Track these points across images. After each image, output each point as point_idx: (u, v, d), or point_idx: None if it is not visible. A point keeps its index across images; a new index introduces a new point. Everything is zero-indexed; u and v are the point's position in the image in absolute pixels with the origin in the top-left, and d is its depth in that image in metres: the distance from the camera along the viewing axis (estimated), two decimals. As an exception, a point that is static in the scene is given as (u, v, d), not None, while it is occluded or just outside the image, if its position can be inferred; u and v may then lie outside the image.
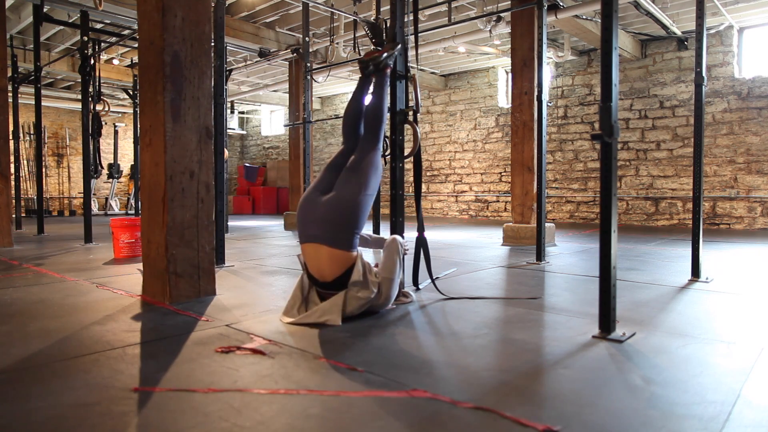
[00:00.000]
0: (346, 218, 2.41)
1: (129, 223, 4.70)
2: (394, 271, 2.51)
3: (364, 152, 2.62)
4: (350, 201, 2.43)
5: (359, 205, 2.44)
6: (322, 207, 2.44)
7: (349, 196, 2.44)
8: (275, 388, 1.57)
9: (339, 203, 2.42)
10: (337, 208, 2.42)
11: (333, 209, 2.42)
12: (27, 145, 12.72)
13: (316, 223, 2.42)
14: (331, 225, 2.39)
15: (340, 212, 2.41)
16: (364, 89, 2.86)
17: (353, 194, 2.45)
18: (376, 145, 2.67)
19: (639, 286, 3.27)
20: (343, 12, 6.62)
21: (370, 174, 2.54)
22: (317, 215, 2.43)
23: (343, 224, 2.40)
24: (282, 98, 13.78)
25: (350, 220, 2.41)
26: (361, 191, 2.47)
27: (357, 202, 2.44)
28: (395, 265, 2.52)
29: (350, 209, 2.42)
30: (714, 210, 8.20)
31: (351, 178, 2.50)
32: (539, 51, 4.53)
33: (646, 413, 1.40)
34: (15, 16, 7.98)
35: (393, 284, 2.50)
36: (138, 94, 3.18)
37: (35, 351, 1.95)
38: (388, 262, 2.52)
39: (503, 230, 5.88)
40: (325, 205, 2.44)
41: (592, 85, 9.45)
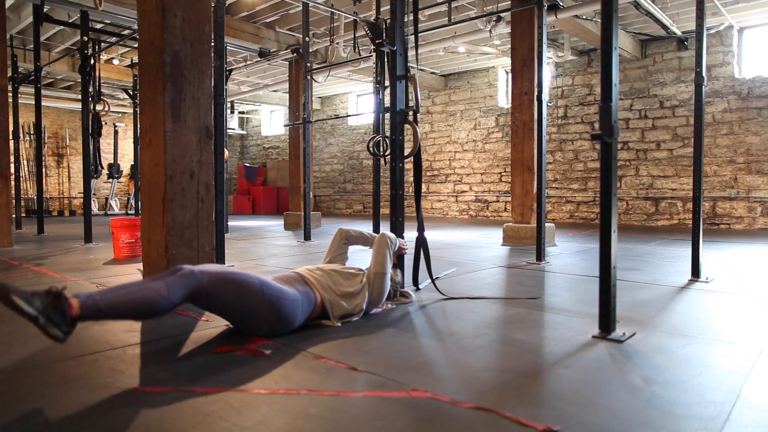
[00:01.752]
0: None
1: (129, 223, 4.70)
2: (384, 266, 2.51)
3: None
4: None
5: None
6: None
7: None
8: (275, 388, 1.57)
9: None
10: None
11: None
12: (27, 145, 12.72)
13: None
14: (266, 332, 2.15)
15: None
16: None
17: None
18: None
19: (639, 286, 3.27)
20: (343, 12, 6.62)
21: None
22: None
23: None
24: (282, 98, 13.78)
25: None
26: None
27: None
28: (385, 260, 2.52)
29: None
30: (714, 210, 8.20)
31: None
32: (539, 51, 4.53)
33: (646, 413, 1.40)
34: (15, 16, 7.98)
35: (384, 278, 2.49)
36: (138, 94, 3.18)
37: (35, 351, 1.95)
38: (379, 256, 2.53)
39: (503, 230, 5.88)
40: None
41: (592, 85, 9.45)
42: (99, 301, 1.68)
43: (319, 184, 14.07)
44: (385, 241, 2.58)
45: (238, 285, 1.98)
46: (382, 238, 2.60)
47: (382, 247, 2.56)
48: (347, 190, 13.52)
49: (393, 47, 3.14)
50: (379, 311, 2.57)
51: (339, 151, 13.64)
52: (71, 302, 1.62)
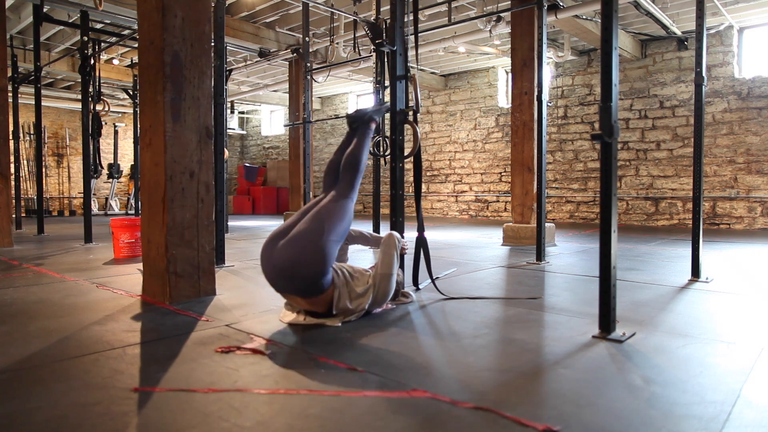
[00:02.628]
0: (309, 268, 2.20)
1: (129, 223, 4.70)
2: (392, 267, 2.51)
3: (337, 197, 2.45)
4: (311, 244, 2.21)
5: (322, 250, 2.22)
6: (278, 252, 2.24)
7: (310, 239, 2.23)
8: (275, 388, 1.57)
9: (298, 248, 2.21)
10: (297, 255, 2.20)
11: (293, 258, 2.20)
12: (27, 145, 12.72)
13: (281, 279, 2.26)
14: (297, 280, 2.22)
15: (301, 262, 2.20)
16: (350, 142, 2.78)
17: (315, 237, 2.23)
18: (350, 194, 2.51)
19: (639, 286, 3.27)
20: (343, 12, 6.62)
21: (337, 220, 2.34)
22: (277, 265, 2.24)
23: (307, 276, 2.21)
24: (282, 98, 13.78)
25: (313, 267, 2.21)
26: (324, 235, 2.25)
27: (319, 247, 2.22)
28: (392, 261, 2.52)
29: (311, 255, 2.20)
30: (714, 210, 8.20)
31: (314, 221, 2.30)
32: (539, 51, 4.53)
33: (646, 413, 1.40)
34: (15, 16, 7.98)
35: (390, 279, 2.49)
36: (138, 94, 3.18)
37: (35, 351, 1.95)
38: (386, 257, 2.52)
39: (503, 230, 5.88)
40: (282, 251, 2.23)
41: (592, 85, 9.45)
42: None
43: (319, 184, 14.07)
44: (392, 242, 2.57)
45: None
46: (390, 239, 2.59)
47: (390, 248, 2.55)
48: (347, 190, 13.51)
49: (393, 47, 3.14)
50: (380, 311, 2.57)
51: (339, 151, 13.63)
52: None
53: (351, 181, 2.56)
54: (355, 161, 2.63)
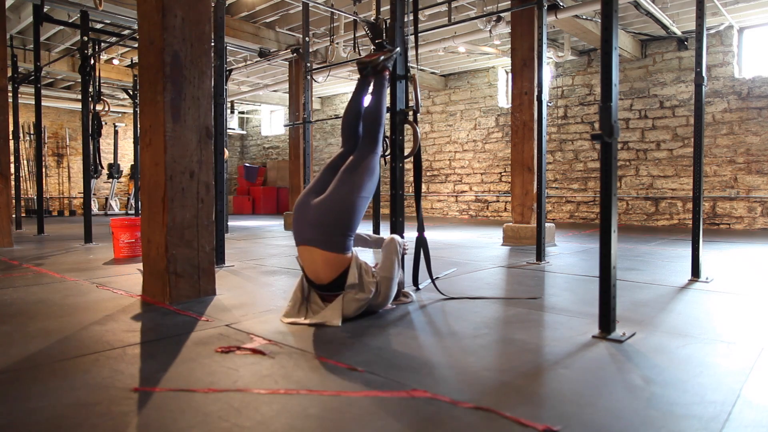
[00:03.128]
0: (339, 220, 2.38)
1: (129, 223, 4.70)
2: (393, 271, 2.51)
3: (362, 154, 2.59)
4: (343, 202, 2.40)
5: (353, 206, 2.41)
6: (314, 209, 2.41)
7: (342, 197, 2.41)
8: (275, 388, 1.57)
9: (331, 205, 2.39)
10: (330, 210, 2.39)
11: (325, 211, 2.39)
12: (27, 145, 12.72)
13: (309, 226, 2.40)
14: (324, 228, 2.37)
15: (333, 214, 2.38)
16: (363, 91, 2.84)
17: (347, 195, 2.41)
18: (374, 148, 2.63)
19: (639, 286, 3.27)
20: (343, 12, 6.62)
21: (365, 176, 2.50)
22: (309, 218, 2.41)
23: (335, 227, 2.37)
24: (282, 98, 13.78)
25: (343, 222, 2.39)
26: (355, 192, 2.43)
27: (350, 204, 2.41)
28: (394, 265, 2.52)
29: (343, 211, 2.39)
30: (714, 210, 8.20)
31: (345, 180, 2.46)
32: (539, 51, 4.53)
33: (646, 413, 1.40)
34: (15, 16, 7.98)
35: (392, 283, 2.50)
36: (138, 94, 3.18)
37: (35, 351, 1.95)
38: (387, 261, 2.53)
39: (503, 230, 5.88)
40: (317, 207, 2.41)
41: (592, 85, 9.45)
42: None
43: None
44: (394, 247, 2.58)
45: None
46: (391, 243, 2.60)
47: (392, 252, 2.56)
48: (347, 190, 13.51)
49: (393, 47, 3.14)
50: (380, 311, 2.57)
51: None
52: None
53: (375, 135, 2.66)
54: (376, 116, 2.69)
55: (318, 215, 2.39)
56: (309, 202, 2.45)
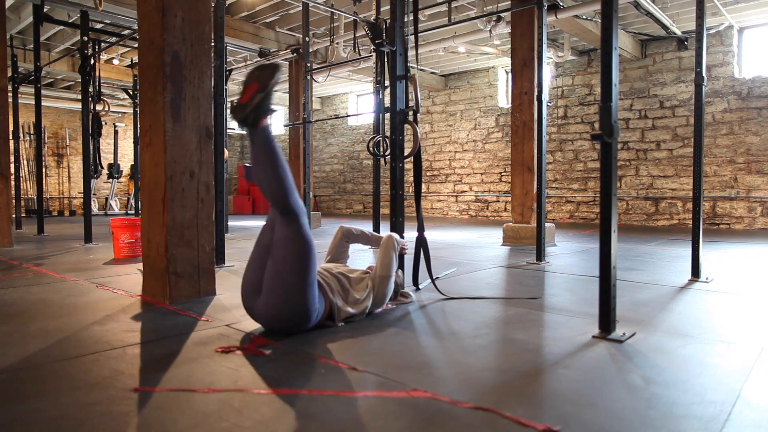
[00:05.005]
0: (294, 314, 2.07)
1: (129, 223, 4.70)
2: (390, 269, 2.51)
3: (283, 234, 2.07)
4: (287, 297, 2.03)
5: (301, 293, 2.04)
6: (261, 312, 2.12)
7: (283, 292, 2.03)
8: (275, 388, 1.57)
9: (276, 303, 2.05)
10: (279, 310, 2.06)
11: (275, 313, 2.07)
12: (27, 145, 12.72)
13: (271, 324, 2.14)
14: (289, 329, 2.12)
15: (284, 313, 2.07)
16: (258, 159, 2.10)
17: (288, 288, 2.03)
18: (295, 219, 2.07)
19: (639, 286, 3.27)
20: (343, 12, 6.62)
21: (298, 266, 2.03)
22: (264, 322, 2.15)
23: (295, 322, 2.09)
24: (282, 98, 13.77)
25: (299, 317, 2.08)
26: (296, 288, 2.03)
27: (297, 293, 2.04)
28: (391, 263, 2.52)
29: (293, 305, 2.05)
30: (714, 210, 8.20)
31: (277, 274, 2.04)
32: (539, 51, 4.53)
33: (646, 413, 1.40)
34: (15, 16, 7.98)
35: (389, 281, 2.50)
36: (138, 94, 3.18)
37: (35, 351, 1.95)
38: (385, 259, 2.53)
39: (503, 230, 5.88)
40: (264, 311, 2.10)
41: (592, 85, 9.45)
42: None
43: (319, 184, 14.07)
44: (392, 244, 2.58)
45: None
46: (389, 240, 2.59)
47: (389, 249, 2.56)
48: (347, 190, 13.52)
49: (393, 47, 3.14)
50: (380, 311, 2.57)
51: (339, 151, 13.64)
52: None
53: (285, 204, 2.06)
54: (270, 188, 2.06)
55: (272, 322, 2.11)
56: (254, 305, 2.14)
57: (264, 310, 2.09)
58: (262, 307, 2.09)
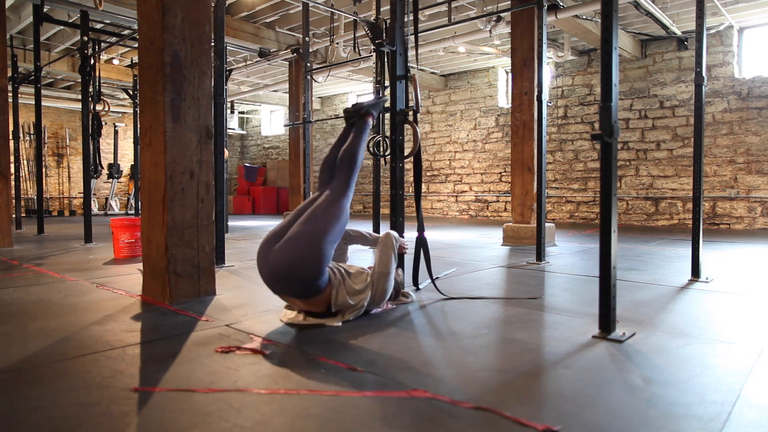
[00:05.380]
0: (305, 270, 2.20)
1: (129, 223, 4.70)
2: (389, 265, 2.51)
3: (333, 196, 2.43)
4: (307, 247, 2.20)
5: (318, 251, 2.21)
6: (275, 255, 2.24)
7: (305, 241, 2.21)
8: (275, 388, 1.57)
9: (294, 250, 2.20)
10: (294, 259, 2.20)
11: (289, 262, 2.20)
12: (27, 145, 12.72)
13: (278, 281, 2.26)
14: (294, 282, 2.22)
15: (297, 264, 2.19)
16: (347, 137, 2.75)
17: (312, 239, 2.22)
18: (346, 191, 2.49)
19: (639, 286, 3.27)
20: (343, 12, 6.62)
21: (333, 219, 2.33)
22: (272, 267, 2.25)
23: (304, 278, 2.21)
24: (282, 98, 13.78)
25: (310, 269, 2.20)
26: (321, 236, 2.24)
27: (315, 249, 2.21)
28: (390, 259, 2.52)
29: (307, 258, 2.20)
30: (714, 210, 8.20)
31: (310, 223, 2.29)
32: (539, 51, 4.53)
33: (646, 413, 1.40)
34: (15, 16, 7.98)
35: (388, 278, 2.50)
36: (138, 94, 3.18)
37: (35, 351, 1.95)
38: (383, 256, 2.53)
39: (503, 230, 5.88)
40: (279, 254, 2.23)
41: (592, 85, 9.45)
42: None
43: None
44: (390, 241, 2.59)
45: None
46: (387, 238, 2.60)
47: (387, 247, 2.56)
48: (347, 190, 13.51)
49: (393, 47, 3.14)
50: (380, 311, 2.57)
51: (339, 151, 13.63)
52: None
53: (347, 178, 2.53)
54: (351, 158, 2.59)
55: (281, 266, 2.21)
56: (271, 248, 2.28)
57: (280, 252, 2.23)
58: (280, 250, 2.24)
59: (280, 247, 2.25)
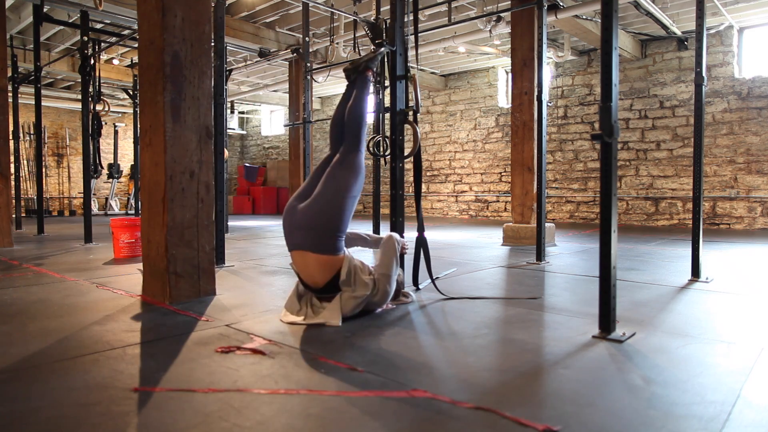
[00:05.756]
0: (328, 222, 2.38)
1: (129, 223, 4.70)
2: (391, 267, 2.51)
3: (346, 153, 2.59)
4: (330, 203, 2.41)
5: (340, 207, 2.42)
6: (301, 213, 2.42)
7: (328, 198, 2.42)
8: (275, 388, 1.57)
9: (319, 207, 2.40)
10: (318, 212, 2.39)
11: (313, 215, 2.39)
12: (27, 145, 12.72)
13: (298, 230, 2.42)
14: (313, 231, 2.38)
15: (321, 217, 2.39)
16: (350, 95, 2.84)
17: (333, 196, 2.42)
18: (358, 146, 2.63)
19: (639, 286, 3.27)
20: (343, 12, 6.62)
21: (350, 175, 2.51)
22: (297, 222, 2.42)
23: (324, 229, 2.38)
24: (282, 98, 13.78)
25: (332, 223, 2.39)
26: (342, 192, 2.44)
27: (338, 204, 2.42)
28: (392, 262, 2.53)
29: (330, 212, 2.40)
30: (714, 210, 8.20)
31: (330, 181, 2.47)
32: (539, 51, 4.53)
33: (646, 413, 1.40)
34: (15, 16, 7.98)
35: (390, 280, 2.50)
36: (138, 94, 3.18)
37: (35, 351, 1.95)
38: (385, 258, 2.54)
39: (503, 230, 5.88)
40: (304, 211, 2.42)
41: (592, 85, 9.45)
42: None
43: (319, 184, 14.05)
44: (392, 244, 2.60)
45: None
46: (389, 241, 2.61)
47: (390, 249, 2.58)
48: (347, 190, 13.51)
49: (393, 47, 3.14)
50: (380, 311, 2.57)
51: (339, 151, 13.63)
52: None
53: (357, 134, 2.64)
54: (357, 114, 2.69)
55: (306, 219, 2.40)
56: (296, 207, 2.46)
57: (305, 211, 2.42)
58: (305, 209, 2.42)
59: (305, 206, 2.43)
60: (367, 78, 2.85)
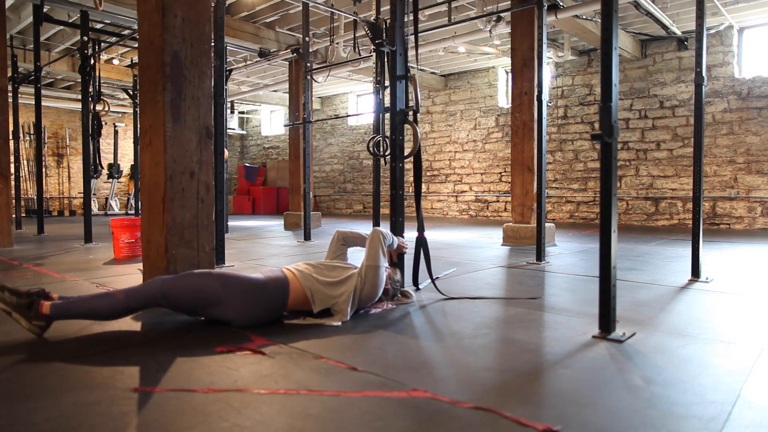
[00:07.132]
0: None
1: (129, 223, 4.70)
2: (377, 259, 2.51)
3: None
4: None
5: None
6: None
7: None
8: (275, 388, 1.57)
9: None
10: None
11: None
12: (27, 145, 12.71)
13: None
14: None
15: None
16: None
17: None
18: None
19: (639, 286, 3.27)
20: (343, 12, 6.62)
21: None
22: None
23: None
24: (282, 98, 13.77)
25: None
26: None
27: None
28: (377, 253, 2.53)
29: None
30: (714, 210, 8.20)
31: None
32: (539, 51, 4.53)
33: (646, 413, 1.40)
34: (15, 16, 7.98)
35: (378, 271, 2.50)
36: (138, 94, 3.18)
37: (35, 351, 1.95)
38: (371, 251, 2.54)
39: (503, 230, 5.88)
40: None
41: (592, 85, 9.45)
42: (68, 304, 2.08)
43: (319, 184, 14.07)
44: (377, 236, 2.60)
45: (195, 280, 2.23)
46: (374, 233, 2.62)
47: (375, 241, 2.58)
48: (347, 190, 13.52)
49: (393, 47, 3.14)
50: (379, 311, 2.57)
51: (339, 151, 13.64)
52: (43, 303, 2.05)
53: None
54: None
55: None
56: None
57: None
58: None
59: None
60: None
